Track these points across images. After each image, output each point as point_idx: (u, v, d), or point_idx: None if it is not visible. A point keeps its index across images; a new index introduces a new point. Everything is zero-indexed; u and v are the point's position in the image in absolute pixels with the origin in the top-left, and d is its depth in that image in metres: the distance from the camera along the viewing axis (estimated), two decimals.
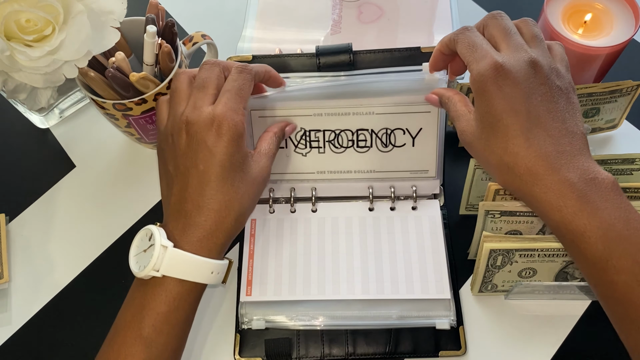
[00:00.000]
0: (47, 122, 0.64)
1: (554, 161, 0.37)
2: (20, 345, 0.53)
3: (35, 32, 0.45)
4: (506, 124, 0.38)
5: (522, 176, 0.38)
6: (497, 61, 0.38)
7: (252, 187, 0.43)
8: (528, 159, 0.37)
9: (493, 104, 0.38)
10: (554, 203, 0.37)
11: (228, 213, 0.41)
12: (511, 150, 0.38)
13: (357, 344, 0.50)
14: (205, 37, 0.58)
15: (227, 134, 0.41)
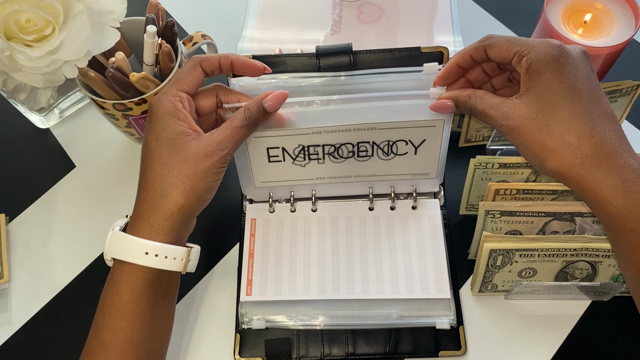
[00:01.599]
0: (47, 122, 0.64)
1: (617, 145, 0.36)
2: (20, 345, 0.53)
3: (35, 32, 0.45)
4: (572, 101, 0.37)
5: (585, 157, 0.36)
6: (560, 44, 0.38)
7: (185, 163, 0.42)
8: (594, 139, 0.36)
9: (556, 82, 0.37)
10: (618, 187, 0.35)
11: (156, 191, 0.42)
12: (576, 129, 0.36)
13: (357, 344, 0.50)
14: (205, 37, 0.58)
15: (151, 115, 0.43)
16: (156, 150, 0.42)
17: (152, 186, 0.42)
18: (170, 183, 0.41)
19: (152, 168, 0.42)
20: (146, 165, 0.43)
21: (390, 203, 0.54)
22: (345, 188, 0.54)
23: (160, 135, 0.42)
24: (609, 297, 0.50)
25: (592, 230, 0.49)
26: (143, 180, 0.43)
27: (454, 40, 0.57)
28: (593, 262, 0.47)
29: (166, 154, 0.42)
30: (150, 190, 0.42)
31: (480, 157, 0.50)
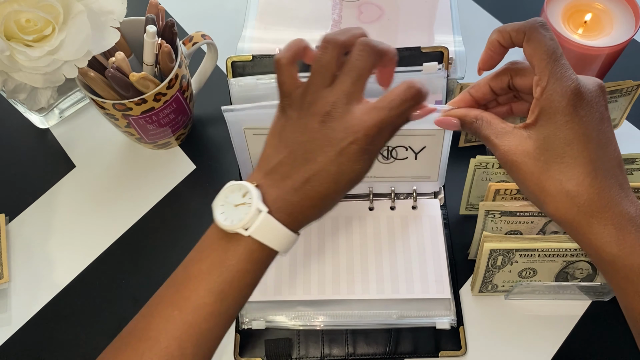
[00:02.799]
0: (47, 122, 0.64)
1: (616, 193, 0.36)
2: (20, 345, 0.53)
3: (35, 32, 0.45)
4: (577, 150, 0.36)
5: (581, 206, 0.35)
6: (579, 84, 0.36)
7: (350, 175, 0.38)
8: (593, 188, 0.35)
9: (567, 128, 0.36)
10: (612, 236, 0.35)
11: (323, 198, 0.38)
12: (577, 179, 0.36)
13: (357, 344, 0.50)
14: (205, 37, 0.58)
15: (360, 148, 0.36)
16: (343, 164, 0.38)
17: (323, 195, 0.38)
18: (336, 192, 0.38)
19: (326, 177, 0.38)
20: (326, 174, 0.38)
21: (390, 203, 0.54)
22: None
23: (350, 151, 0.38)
24: (609, 297, 0.50)
25: None
26: (317, 183, 0.38)
27: (454, 40, 0.57)
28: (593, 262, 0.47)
29: (348, 168, 0.38)
30: (320, 195, 0.38)
31: (480, 157, 0.50)
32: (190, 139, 0.63)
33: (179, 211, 0.59)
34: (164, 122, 0.56)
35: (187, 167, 0.61)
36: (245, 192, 0.38)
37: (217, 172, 0.61)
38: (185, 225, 0.58)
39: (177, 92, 0.54)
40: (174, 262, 0.57)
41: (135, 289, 0.55)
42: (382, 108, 0.36)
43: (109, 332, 0.53)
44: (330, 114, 0.36)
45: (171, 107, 0.55)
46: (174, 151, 0.62)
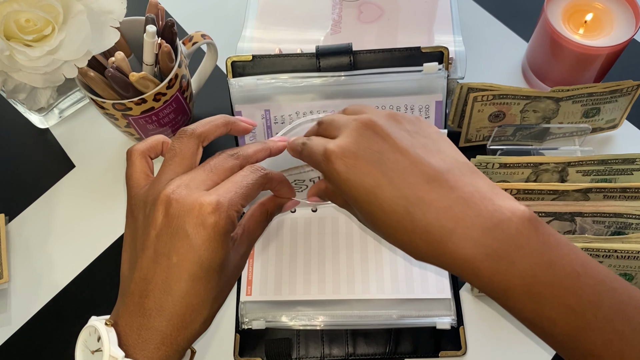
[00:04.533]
0: (47, 122, 0.64)
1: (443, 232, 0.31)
2: (20, 345, 0.53)
3: (35, 32, 0.45)
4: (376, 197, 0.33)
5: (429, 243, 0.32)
6: (328, 148, 0.35)
7: (226, 287, 0.35)
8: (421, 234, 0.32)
9: (353, 187, 0.34)
10: (467, 268, 0.31)
11: (194, 318, 0.34)
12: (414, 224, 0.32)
13: (357, 344, 0.50)
14: (205, 37, 0.58)
15: (215, 228, 0.33)
16: (207, 273, 0.34)
17: (191, 312, 0.35)
18: (210, 309, 0.35)
19: (194, 294, 0.34)
20: (188, 286, 0.35)
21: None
22: None
23: (215, 256, 0.34)
24: None
25: (592, 230, 0.49)
26: (180, 304, 0.35)
27: (454, 40, 0.57)
28: None
29: (214, 278, 0.35)
30: (189, 316, 0.35)
31: (480, 157, 0.50)
32: None
33: None
34: (164, 122, 0.56)
35: None
36: (98, 336, 0.34)
37: None
38: None
39: (177, 92, 0.54)
40: None
41: None
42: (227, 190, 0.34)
43: None
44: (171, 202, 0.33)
45: (171, 107, 0.55)
46: None
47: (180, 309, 0.33)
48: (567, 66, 0.57)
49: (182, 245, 0.33)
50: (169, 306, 0.33)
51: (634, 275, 0.48)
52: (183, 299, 0.33)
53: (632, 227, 0.48)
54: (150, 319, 0.33)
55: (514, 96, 0.54)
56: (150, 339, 0.33)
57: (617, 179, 0.52)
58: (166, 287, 0.33)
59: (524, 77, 0.64)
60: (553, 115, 0.56)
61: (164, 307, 0.33)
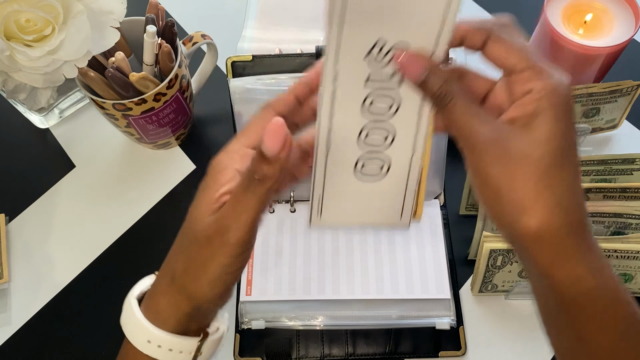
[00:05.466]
0: (47, 122, 0.64)
1: (590, 222, 0.32)
2: (20, 345, 0.53)
3: (35, 32, 0.45)
4: (574, 160, 0.31)
5: (572, 226, 0.30)
6: (569, 88, 0.31)
7: (191, 245, 0.34)
8: (582, 208, 0.31)
9: (570, 132, 0.31)
10: (594, 264, 0.31)
11: (169, 270, 0.35)
12: (573, 195, 0.30)
13: (357, 344, 0.50)
14: (205, 37, 0.58)
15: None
16: (187, 217, 0.34)
17: (168, 262, 0.35)
18: (179, 265, 0.34)
19: (176, 240, 0.35)
20: (180, 231, 0.35)
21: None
22: None
23: (195, 200, 0.34)
24: None
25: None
26: (172, 248, 0.36)
27: None
28: None
29: (185, 226, 0.34)
30: (166, 265, 0.35)
31: None
32: (190, 139, 0.63)
33: (178, 211, 0.59)
34: (164, 122, 0.56)
35: (187, 167, 0.61)
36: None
37: None
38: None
39: (177, 92, 0.54)
40: None
41: None
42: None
43: (109, 332, 0.53)
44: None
45: (171, 107, 0.55)
46: (174, 151, 0.62)
47: (163, 267, 0.35)
48: (567, 66, 0.57)
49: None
50: (172, 250, 0.36)
51: (634, 275, 0.48)
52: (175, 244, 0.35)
53: (632, 227, 0.48)
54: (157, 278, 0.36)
55: None
56: (148, 293, 0.35)
57: (617, 179, 0.52)
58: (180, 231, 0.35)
59: None
60: None
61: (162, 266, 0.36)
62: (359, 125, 0.33)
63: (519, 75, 0.31)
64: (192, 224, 0.34)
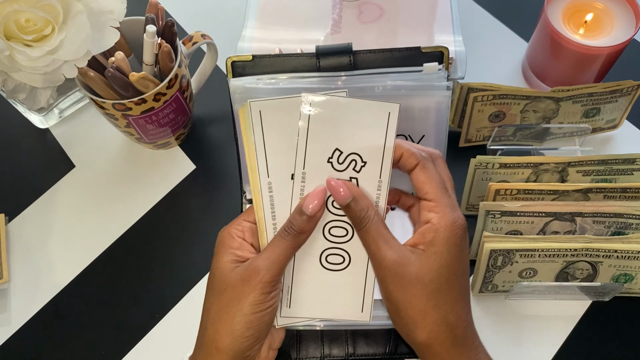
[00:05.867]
0: (47, 122, 0.64)
1: (474, 327, 0.39)
2: (20, 345, 0.53)
3: (34, 32, 0.45)
4: (460, 282, 0.37)
5: (457, 338, 0.37)
6: (464, 221, 0.38)
7: (223, 294, 0.38)
8: (465, 322, 0.38)
9: (459, 260, 0.37)
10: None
11: (201, 325, 0.39)
12: (457, 311, 0.37)
13: (357, 344, 0.50)
14: (205, 37, 0.58)
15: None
16: (207, 284, 0.40)
17: (201, 322, 0.40)
18: (210, 319, 0.38)
19: (204, 301, 0.40)
20: (206, 293, 0.40)
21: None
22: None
23: (212, 267, 0.39)
24: (609, 297, 0.50)
25: (592, 230, 0.49)
26: (202, 317, 0.40)
27: (454, 40, 0.57)
28: (593, 262, 0.47)
29: (210, 286, 0.39)
30: (200, 325, 0.40)
31: (480, 157, 0.50)
32: (190, 139, 0.63)
33: (178, 211, 0.59)
34: (164, 122, 0.56)
35: (187, 167, 0.61)
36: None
37: (217, 172, 0.61)
38: (185, 225, 0.58)
39: (176, 92, 0.54)
40: (173, 262, 0.58)
41: (135, 289, 0.55)
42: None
43: (109, 332, 0.53)
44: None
45: (171, 107, 0.55)
46: (174, 151, 0.62)
47: (200, 332, 0.40)
48: (567, 66, 0.57)
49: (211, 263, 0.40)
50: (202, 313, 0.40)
51: (634, 275, 0.48)
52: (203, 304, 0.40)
53: (632, 227, 0.48)
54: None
55: (514, 96, 0.54)
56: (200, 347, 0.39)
57: (617, 179, 0.52)
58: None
59: (524, 77, 0.64)
60: (553, 115, 0.56)
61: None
62: (325, 218, 0.40)
63: (427, 203, 0.38)
64: (220, 277, 0.38)
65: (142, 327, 0.53)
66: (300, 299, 0.42)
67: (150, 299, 0.54)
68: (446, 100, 0.50)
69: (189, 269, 0.56)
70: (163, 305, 0.54)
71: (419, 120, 0.51)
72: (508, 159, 0.50)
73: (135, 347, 0.52)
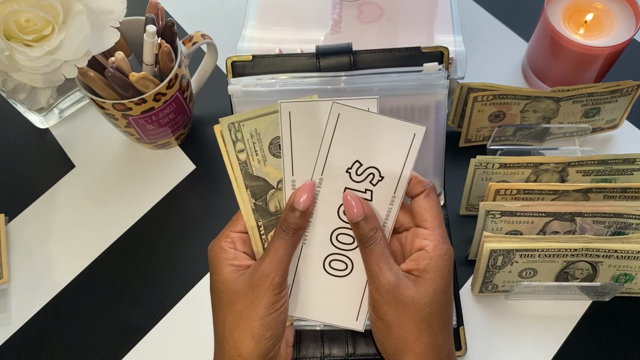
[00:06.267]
0: (47, 122, 0.64)
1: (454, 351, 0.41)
2: (20, 345, 0.53)
3: (34, 32, 0.45)
4: (449, 307, 0.39)
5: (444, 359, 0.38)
6: (452, 252, 0.40)
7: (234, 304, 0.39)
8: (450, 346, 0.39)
9: (449, 287, 0.39)
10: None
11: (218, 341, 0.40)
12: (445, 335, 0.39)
13: (357, 344, 0.50)
14: (205, 37, 0.58)
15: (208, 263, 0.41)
16: (212, 299, 0.40)
17: (216, 337, 0.40)
18: (226, 330, 0.39)
19: (213, 320, 0.40)
20: (213, 308, 0.41)
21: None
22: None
23: (212, 283, 0.40)
24: (609, 297, 0.50)
25: (592, 230, 0.48)
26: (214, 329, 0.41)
27: (454, 40, 0.57)
28: (593, 262, 0.47)
29: (218, 300, 0.40)
30: (216, 341, 0.40)
31: (480, 157, 0.50)
32: (190, 139, 0.63)
33: (178, 211, 0.59)
34: (164, 122, 0.56)
35: (187, 167, 0.61)
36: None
37: (217, 172, 0.61)
38: (185, 225, 0.58)
39: (176, 92, 0.54)
40: (173, 262, 0.57)
41: (135, 289, 0.55)
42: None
43: (109, 332, 0.53)
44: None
45: (171, 107, 0.55)
46: (174, 151, 0.62)
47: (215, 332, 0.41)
48: (567, 66, 0.57)
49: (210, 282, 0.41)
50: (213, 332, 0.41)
51: (634, 275, 0.48)
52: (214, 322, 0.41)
53: (632, 227, 0.48)
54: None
55: (514, 96, 0.54)
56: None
57: (617, 179, 0.52)
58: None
59: (524, 77, 0.64)
60: (553, 115, 0.56)
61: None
62: (334, 225, 0.41)
63: (424, 230, 0.40)
64: (226, 289, 0.39)
65: (142, 327, 0.53)
66: (298, 298, 0.42)
67: (150, 299, 0.54)
68: (445, 99, 0.50)
69: (189, 269, 0.56)
70: (163, 305, 0.54)
71: (418, 119, 0.51)
72: (508, 159, 0.50)
73: (135, 347, 0.52)
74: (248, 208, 0.41)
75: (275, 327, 0.38)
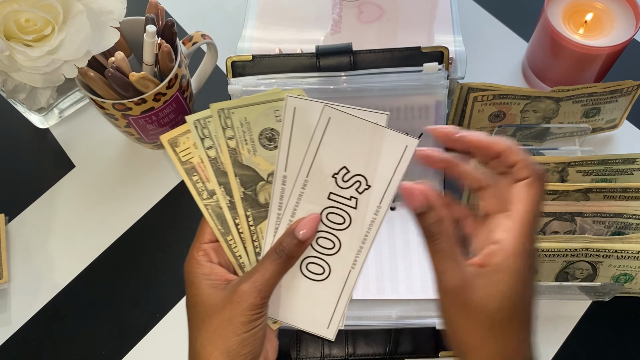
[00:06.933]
0: (47, 122, 0.64)
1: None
2: (20, 345, 0.53)
3: (34, 32, 0.45)
4: (520, 318, 0.35)
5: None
6: (536, 250, 0.35)
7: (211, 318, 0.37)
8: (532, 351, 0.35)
9: (524, 287, 0.34)
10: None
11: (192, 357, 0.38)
12: (514, 344, 0.34)
13: (357, 344, 0.50)
14: (205, 37, 0.58)
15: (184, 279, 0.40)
16: (188, 315, 0.39)
17: (190, 349, 0.38)
18: (200, 345, 0.37)
19: (189, 334, 0.39)
20: (189, 323, 0.39)
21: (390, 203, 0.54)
22: None
23: (188, 298, 0.38)
24: (609, 297, 0.50)
25: (592, 230, 0.48)
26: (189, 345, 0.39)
27: (454, 40, 0.57)
28: (593, 262, 0.47)
29: (195, 315, 0.38)
30: (190, 353, 0.38)
31: None
32: None
33: (178, 211, 0.59)
34: (164, 122, 0.56)
35: None
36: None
37: None
38: (185, 225, 0.58)
39: (176, 92, 0.54)
40: (173, 262, 0.57)
41: (135, 288, 0.55)
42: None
43: (109, 332, 0.53)
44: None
45: (171, 107, 0.55)
46: None
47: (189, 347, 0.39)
48: (567, 66, 0.57)
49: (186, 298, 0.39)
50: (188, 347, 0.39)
51: (634, 275, 0.48)
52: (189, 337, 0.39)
53: (632, 227, 0.48)
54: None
55: (514, 96, 0.54)
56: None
57: (617, 179, 0.52)
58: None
59: (524, 77, 0.64)
60: (553, 115, 0.56)
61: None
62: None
63: (506, 222, 0.35)
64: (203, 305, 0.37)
65: (142, 327, 0.53)
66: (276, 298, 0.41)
67: (150, 299, 0.54)
68: (445, 99, 0.50)
69: None
70: (163, 305, 0.54)
71: (418, 119, 0.51)
72: None
73: (135, 347, 0.52)
74: (210, 217, 0.41)
75: (253, 343, 0.37)
